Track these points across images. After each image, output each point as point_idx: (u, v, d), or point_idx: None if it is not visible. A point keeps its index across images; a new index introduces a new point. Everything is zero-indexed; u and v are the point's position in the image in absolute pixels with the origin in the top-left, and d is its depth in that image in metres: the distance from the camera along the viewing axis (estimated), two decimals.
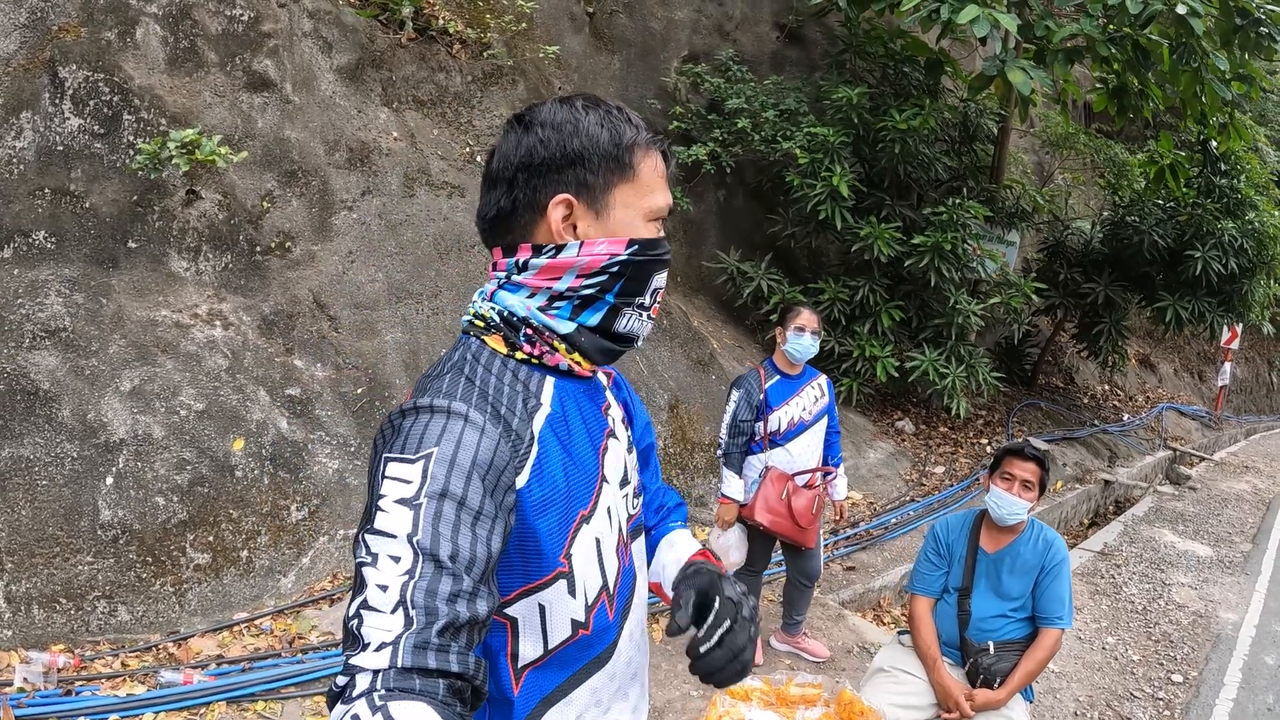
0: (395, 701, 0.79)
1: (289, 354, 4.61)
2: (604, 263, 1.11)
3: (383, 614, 0.85)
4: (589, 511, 1.13)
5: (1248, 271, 10.25)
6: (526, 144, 1.10)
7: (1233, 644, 6.08)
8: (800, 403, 4.04)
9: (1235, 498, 11.37)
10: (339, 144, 5.29)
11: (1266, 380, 27.42)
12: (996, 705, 2.93)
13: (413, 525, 0.90)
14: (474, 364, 1.09)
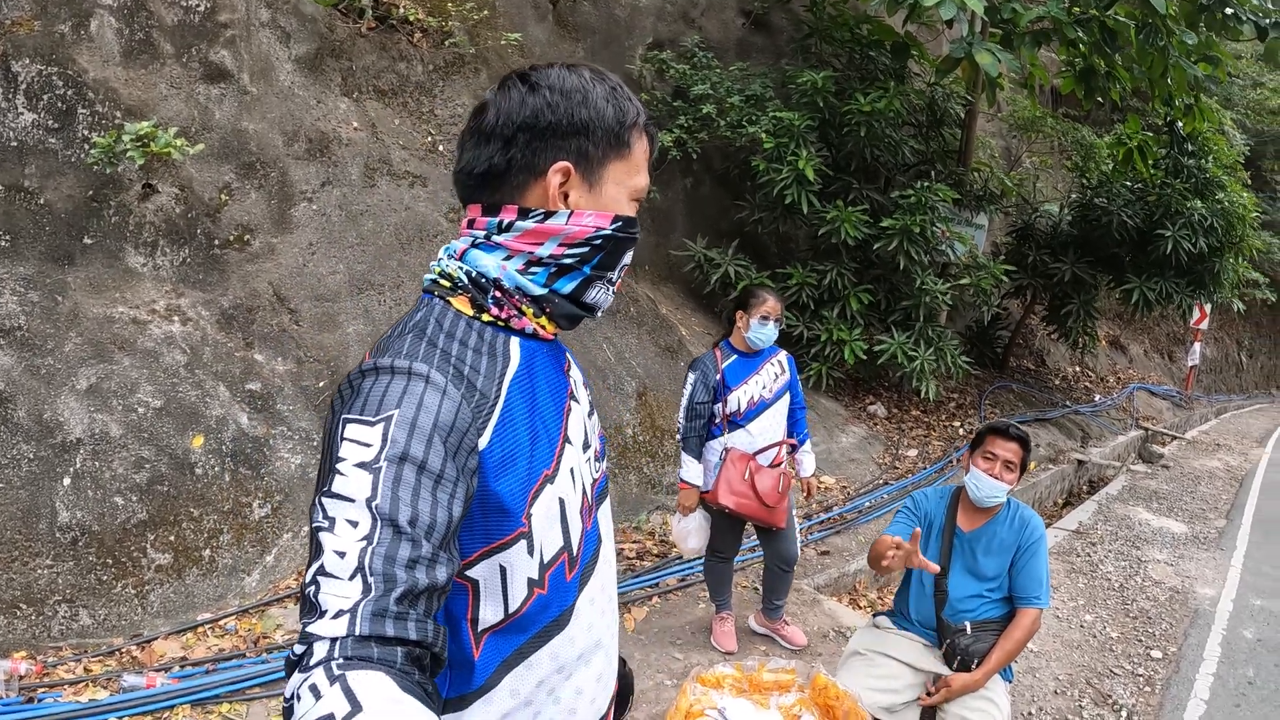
0: (353, 671, 0.77)
1: (249, 348, 4.51)
2: (588, 235, 1.11)
3: (340, 580, 0.83)
4: (552, 472, 1.12)
5: (1217, 251, 10.36)
6: (532, 104, 1.08)
7: (1211, 619, 6.12)
8: (760, 381, 3.95)
9: (1208, 475, 11.48)
10: (298, 135, 5.18)
11: (1236, 360, 27.78)
12: (974, 687, 2.89)
13: (372, 489, 0.88)
14: (436, 326, 1.07)
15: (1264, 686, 5.23)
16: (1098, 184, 11.14)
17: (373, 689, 0.76)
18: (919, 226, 7.90)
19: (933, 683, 2.98)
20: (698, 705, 2.38)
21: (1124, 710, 4.61)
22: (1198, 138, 10.41)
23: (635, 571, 5.02)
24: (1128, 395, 14.96)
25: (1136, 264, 10.65)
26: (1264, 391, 30.02)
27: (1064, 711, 4.51)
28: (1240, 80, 21.93)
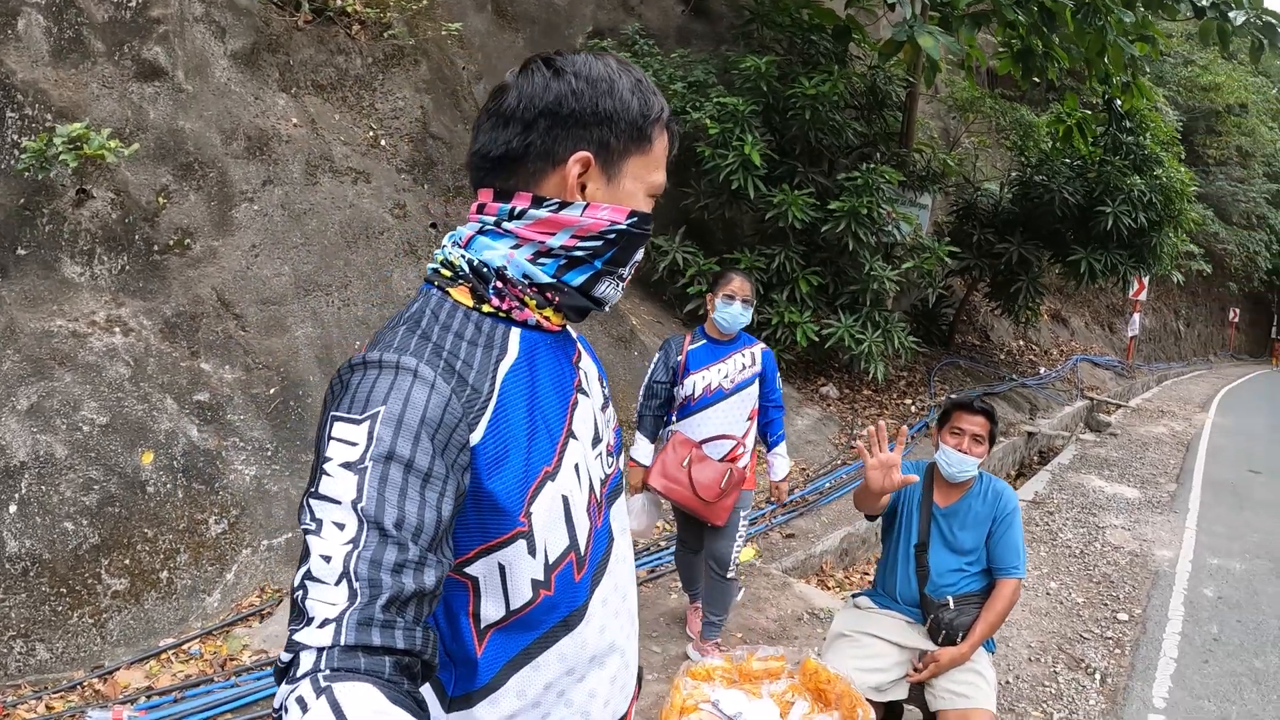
0: (340, 683, 0.76)
1: (195, 357, 4.34)
2: (603, 228, 1.08)
3: (326, 585, 0.82)
4: (553, 468, 1.08)
5: (1156, 225, 10.63)
6: (556, 90, 1.04)
7: (1171, 580, 6.26)
8: (723, 369, 3.77)
9: (1155, 441, 11.78)
10: (236, 133, 4.99)
11: (1174, 329, 28.64)
12: (961, 660, 2.90)
13: (357, 491, 0.86)
14: (432, 318, 1.04)
15: (1229, 642, 5.35)
16: (1037, 162, 11.36)
17: (359, 701, 0.74)
18: (865, 208, 7.96)
19: (918, 659, 2.98)
20: (691, 700, 2.34)
21: (1097, 673, 4.69)
22: (1135, 115, 10.66)
23: None
24: (1071, 367, 15.31)
25: (1078, 239, 10.89)
26: (1202, 359, 31.05)
27: (1040, 678, 4.57)
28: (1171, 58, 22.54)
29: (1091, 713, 4.27)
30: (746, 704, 2.32)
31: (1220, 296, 33.30)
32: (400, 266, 5.44)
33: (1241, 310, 35.71)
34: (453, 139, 6.35)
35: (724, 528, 3.82)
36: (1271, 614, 5.89)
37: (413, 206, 5.78)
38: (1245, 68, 27.32)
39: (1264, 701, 4.64)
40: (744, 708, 2.30)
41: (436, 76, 6.44)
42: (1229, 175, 27.41)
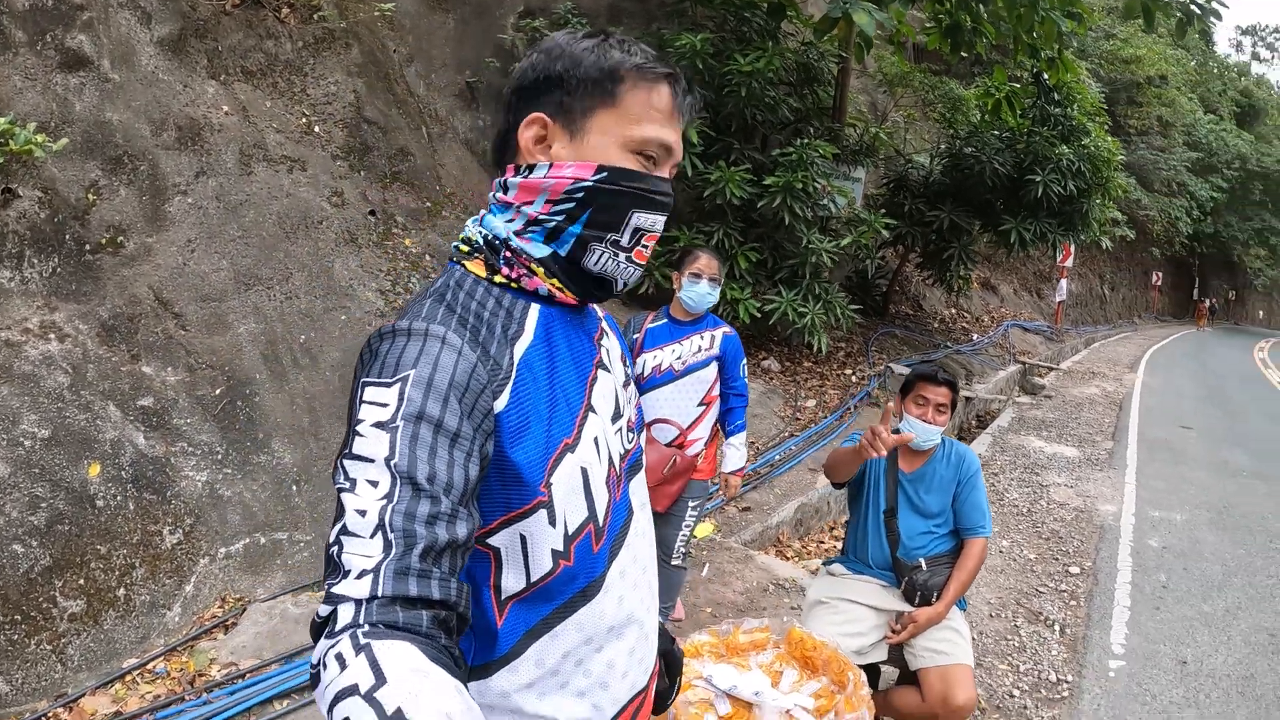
0: (379, 640, 0.76)
1: (135, 361, 4.16)
2: (568, 186, 1.09)
3: (362, 539, 0.84)
4: (573, 440, 1.10)
5: (1085, 193, 10.94)
6: (522, 68, 1.13)
7: (1117, 533, 6.48)
8: (677, 350, 3.61)
9: (1088, 401, 12.17)
10: (166, 123, 4.80)
11: (1099, 293, 29.59)
12: (938, 619, 2.97)
13: (390, 448, 0.89)
14: (455, 290, 1.09)
15: (1177, 588, 5.56)
16: (967, 134, 11.58)
17: (398, 659, 0.75)
18: (801, 183, 8.02)
19: (895, 620, 3.03)
20: (685, 677, 2.33)
21: (1056, 624, 4.84)
22: (1063, 87, 10.92)
23: None
24: (1003, 332, 15.73)
25: (1009, 209, 11.13)
26: (1127, 321, 32.19)
27: (1003, 633, 4.69)
28: (1094, 32, 23.20)
29: (1055, 662, 4.40)
30: (738, 677, 2.33)
31: (1143, 261, 34.56)
32: (341, 255, 5.31)
33: (1164, 274, 37.16)
34: (387, 123, 6.21)
35: (668, 515, 3.69)
36: (1214, 561, 6.14)
37: (350, 194, 5.64)
38: (1165, 40, 28.30)
39: (1215, 643, 4.83)
40: (736, 680, 2.31)
41: (368, 59, 6.28)
42: (1150, 144, 28.41)
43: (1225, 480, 8.57)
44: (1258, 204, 38.84)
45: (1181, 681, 4.35)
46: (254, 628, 3.68)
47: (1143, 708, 4.06)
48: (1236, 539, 6.68)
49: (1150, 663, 4.50)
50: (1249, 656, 4.70)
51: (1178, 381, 16.07)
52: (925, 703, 2.90)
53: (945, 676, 2.88)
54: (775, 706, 2.25)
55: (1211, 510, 7.38)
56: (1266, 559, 6.30)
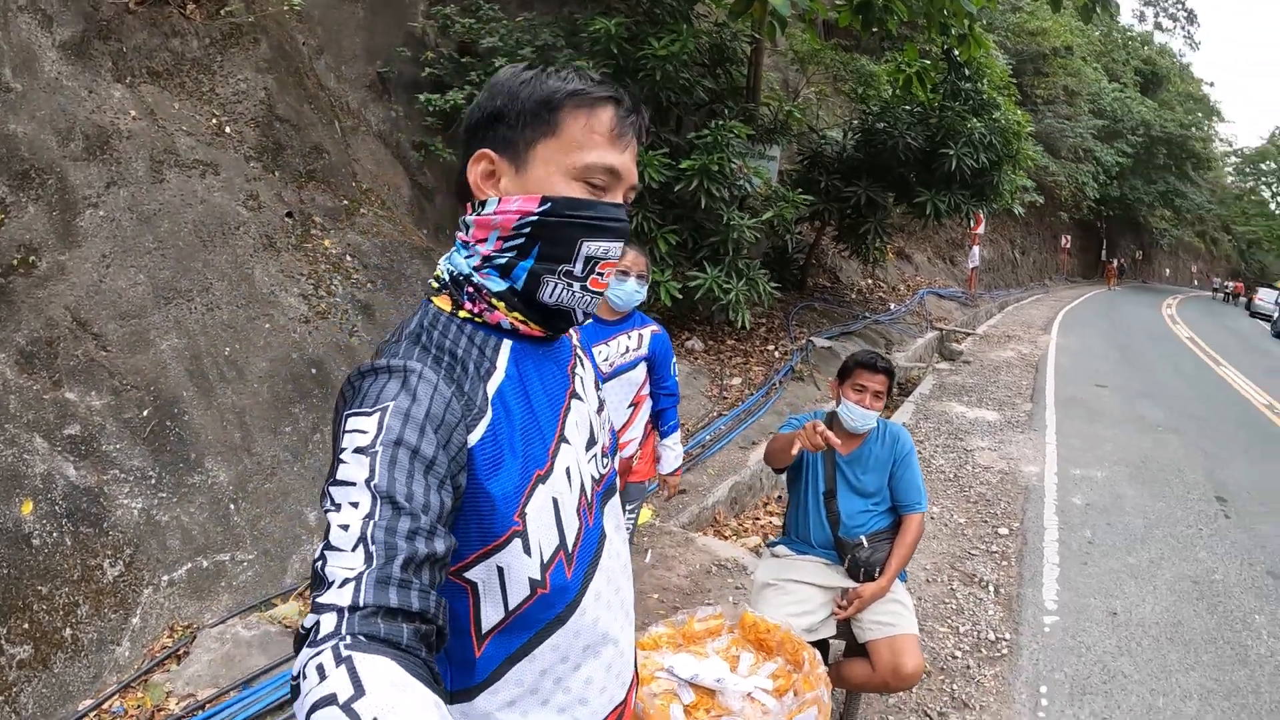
0: (360, 653, 0.78)
1: (58, 388, 4.01)
2: (516, 222, 1.11)
3: (344, 552, 0.87)
4: (545, 471, 1.14)
5: (996, 164, 11.26)
6: (470, 108, 1.17)
7: (1041, 493, 6.73)
8: (603, 352, 3.41)
9: (1005, 365, 12.56)
10: (73, 132, 4.62)
11: (1011, 258, 30.50)
12: (882, 593, 3.08)
13: (370, 470, 0.92)
14: (429, 330, 1.12)
15: (1102, 543, 5.82)
16: (879, 110, 11.79)
17: (378, 672, 0.76)
18: (717, 164, 8.07)
19: (841, 596, 3.13)
20: (646, 669, 2.38)
21: (990, 585, 5.02)
22: (973, 63, 11.19)
23: None
24: (919, 300, 16.12)
25: (922, 181, 11.40)
26: (1038, 284, 33.29)
27: (940, 597, 4.85)
28: (1001, 4, 23.76)
29: (992, 622, 4.57)
30: (698, 665, 2.39)
31: (1052, 225, 35.78)
32: (261, 261, 5.18)
33: (1072, 237, 38.53)
34: (299, 120, 6.07)
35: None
36: (1136, 514, 6.43)
37: (266, 196, 5.50)
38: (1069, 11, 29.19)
39: (1142, 593, 5.07)
40: (697, 669, 2.36)
41: (278, 54, 6.12)
42: (1057, 113, 29.33)
43: (1141, 435, 8.95)
44: (1162, 168, 40.54)
45: (1113, 632, 4.56)
46: (206, 655, 3.60)
47: (1079, 659, 4.25)
48: (1155, 492, 7.00)
49: (1082, 616, 4.70)
50: (1175, 604, 4.95)
51: (1090, 341, 16.70)
52: (876, 673, 3.01)
53: (893, 647, 2.99)
54: (737, 691, 2.32)
55: (1130, 465, 7.72)
56: (1185, 509, 6.62)
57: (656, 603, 4.37)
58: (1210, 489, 7.27)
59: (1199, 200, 45.14)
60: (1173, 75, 51.11)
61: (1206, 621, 4.78)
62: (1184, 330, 22.06)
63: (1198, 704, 3.94)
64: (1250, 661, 4.39)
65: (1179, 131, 39.11)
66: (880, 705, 3.69)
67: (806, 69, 13.07)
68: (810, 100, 13.82)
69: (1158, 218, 47.47)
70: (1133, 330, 20.42)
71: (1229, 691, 4.08)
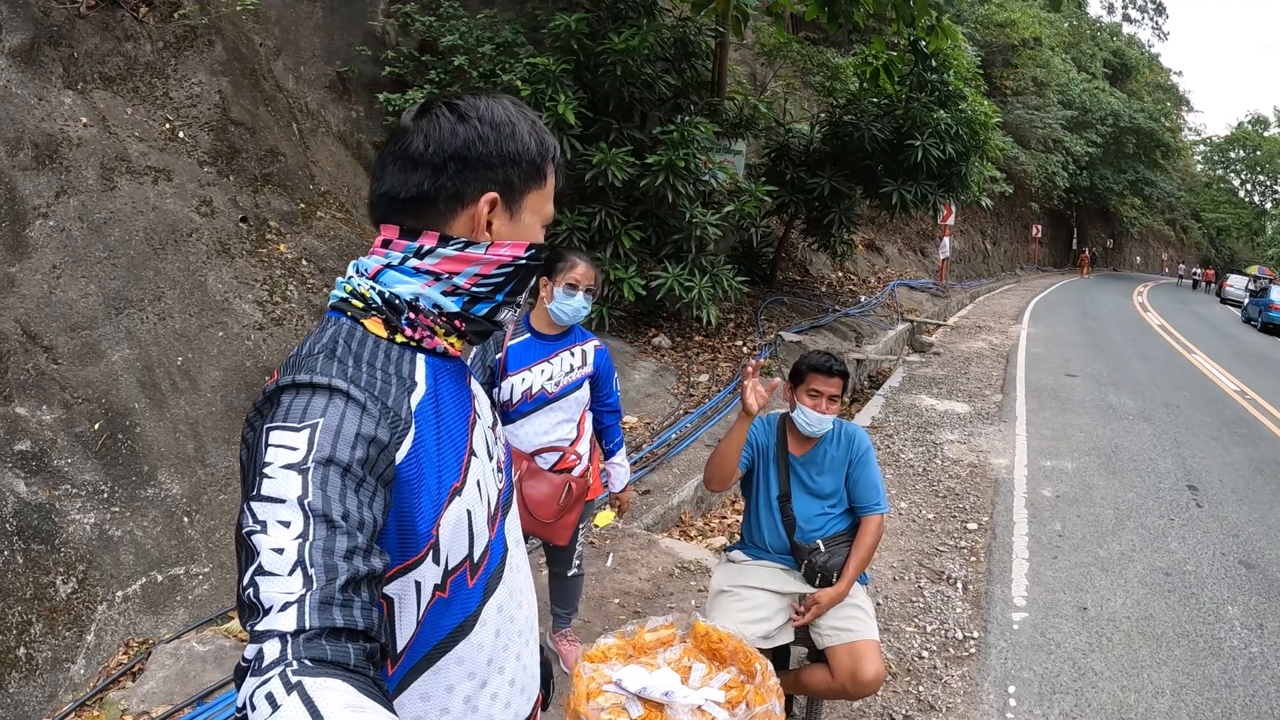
0: (310, 678, 0.76)
1: (8, 402, 3.93)
2: (503, 263, 1.16)
3: (280, 577, 0.84)
4: (460, 484, 1.15)
5: (963, 155, 11.29)
6: (464, 135, 1.12)
7: (1011, 485, 6.73)
8: (546, 370, 3.21)
9: (976, 356, 12.60)
10: (21, 141, 4.53)
11: (982, 248, 30.68)
12: (841, 598, 3.04)
13: (302, 488, 0.89)
14: (345, 347, 1.08)
15: (1072, 536, 5.82)
16: (846, 103, 11.79)
17: (332, 696, 0.75)
18: (683, 160, 8.07)
19: (798, 602, 3.10)
20: (594, 684, 2.35)
21: (958, 582, 5.00)
22: (940, 54, 11.21)
23: None
24: (889, 292, 16.15)
25: (889, 172, 11.41)
26: (1010, 273, 33.53)
27: (907, 595, 4.83)
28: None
29: (960, 619, 4.56)
30: (647, 677, 2.36)
31: (1023, 215, 36.05)
32: (214, 268, 5.10)
33: (1043, 226, 38.83)
34: (255, 123, 5.98)
35: (566, 547, 3.44)
36: (1106, 505, 6.44)
37: (220, 201, 5.42)
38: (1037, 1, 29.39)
39: (1113, 586, 5.07)
40: (646, 681, 2.33)
41: (233, 56, 6.03)
42: (1026, 104, 29.51)
43: (1112, 424, 9.00)
44: (1131, 157, 40.97)
45: (1084, 628, 4.55)
46: (161, 671, 3.54)
47: (1048, 657, 4.24)
48: (1126, 482, 7.02)
49: (1052, 612, 4.70)
50: (1146, 597, 4.95)
51: (1062, 330, 16.82)
52: (835, 680, 2.98)
53: (852, 653, 2.95)
54: (686, 704, 2.29)
55: (1101, 455, 7.76)
56: (1156, 499, 6.65)
57: (618, 607, 4.33)
58: (1182, 478, 7.31)
59: (1168, 189, 45.66)
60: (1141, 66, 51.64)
61: (1179, 614, 4.79)
62: (1155, 318, 22.28)
63: (1170, 700, 3.94)
64: (1224, 654, 4.40)
65: (1147, 123, 39.52)
66: (845, 710, 3.67)
67: (774, 63, 13.07)
68: (778, 94, 13.82)
69: (1128, 206, 47.99)
70: (1104, 319, 20.58)
71: (1202, 685, 4.08)
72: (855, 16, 9.21)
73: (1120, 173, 40.74)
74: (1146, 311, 24.00)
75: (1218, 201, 64.88)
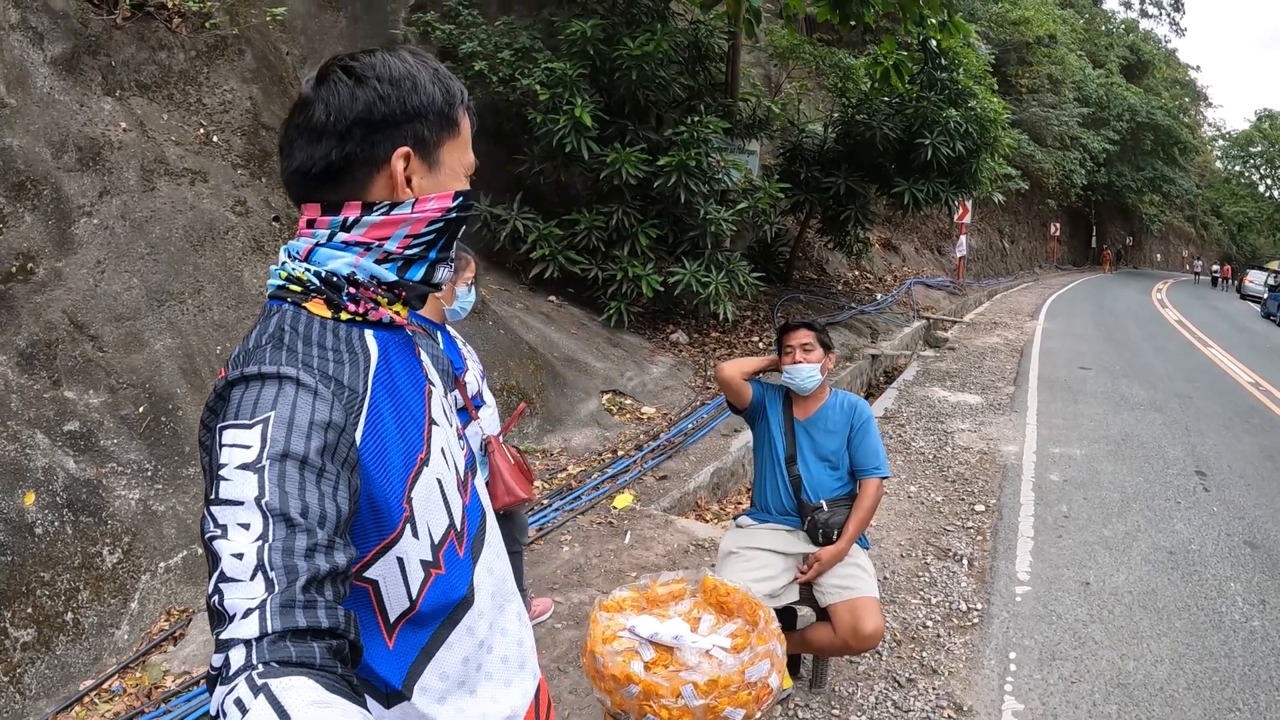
0: (275, 679, 0.76)
1: (57, 387, 4.18)
2: (433, 217, 1.13)
3: (242, 583, 0.83)
4: (425, 455, 1.15)
5: (974, 153, 11.39)
6: (364, 98, 1.07)
7: (1019, 470, 6.85)
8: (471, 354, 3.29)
9: (990, 350, 12.68)
10: (66, 144, 4.78)
11: (1000, 247, 30.63)
12: (841, 556, 3.23)
13: (259, 488, 0.88)
14: (292, 333, 1.06)
15: (1078, 517, 5.95)
16: (858, 102, 11.93)
17: (298, 694, 0.75)
18: (695, 160, 8.26)
19: (802, 562, 3.30)
20: (609, 630, 2.54)
21: (964, 559, 5.15)
22: (949, 52, 11.34)
23: None
24: (906, 290, 16.23)
25: (901, 171, 11.55)
26: (1027, 271, 33.45)
27: (914, 570, 4.99)
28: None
29: (964, 593, 4.71)
30: (659, 625, 2.54)
31: (1041, 213, 35.95)
32: (250, 264, 5.35)
33: (1061, 224, 38.69)
34: None
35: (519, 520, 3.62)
36: (1113, 489, 6.54)
37: (253, 202, 5.67)
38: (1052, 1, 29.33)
39: (1116, 564, 5.20)
40: (658, 629, 2.52)
41: (262, 64, 6.28)
42: (1042, 102, 29.45)
43: (1123, 414, 9.08)
44: (1149, 153, 40.69)
45: (1085, 601, 4.68)
46: (201, 635, 3.78)
47: (1049, 627, 4.38)
48: (1134, 467, 7.13)
49: (1055, 586, 4.84)
50: (1149, 574, 5.07)
51: (1077, 326, 16.84)
52: (837, 635, 3.17)
53: (852, 609, 3.15)
54: (695, 648, 2.48)
55: (1110, 443, 7.86)
56: (1164, 484, 6.75)
57: (634, 580, 4.52)
58: (1191, 464, 7.40)
59: (1186, 185, 45.33)
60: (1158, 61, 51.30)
61: (1181, 590, 4.89)
62: (1173, 314, 22.21)
63: (1169, 667, 4.05)
64: (1224, 627, 4.49)
65: (1165, 119, 39.30)
66: (850, 672, 3.84)
67: (787, 64, 13.25)
68: (791, 95, 13.99)
69: (1147, 203, 47.68)
70: (1121, 314, 20.54)
71: (1201, 656, 4.18)
72: (866, 17, 9.36)
73: (1138, 170, 40.51)
74: (1165, 308, 23.92)
75: (1238, 196, 64.28)
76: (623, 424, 7.07)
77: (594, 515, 5.31)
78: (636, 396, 7.60)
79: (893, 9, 9.91)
